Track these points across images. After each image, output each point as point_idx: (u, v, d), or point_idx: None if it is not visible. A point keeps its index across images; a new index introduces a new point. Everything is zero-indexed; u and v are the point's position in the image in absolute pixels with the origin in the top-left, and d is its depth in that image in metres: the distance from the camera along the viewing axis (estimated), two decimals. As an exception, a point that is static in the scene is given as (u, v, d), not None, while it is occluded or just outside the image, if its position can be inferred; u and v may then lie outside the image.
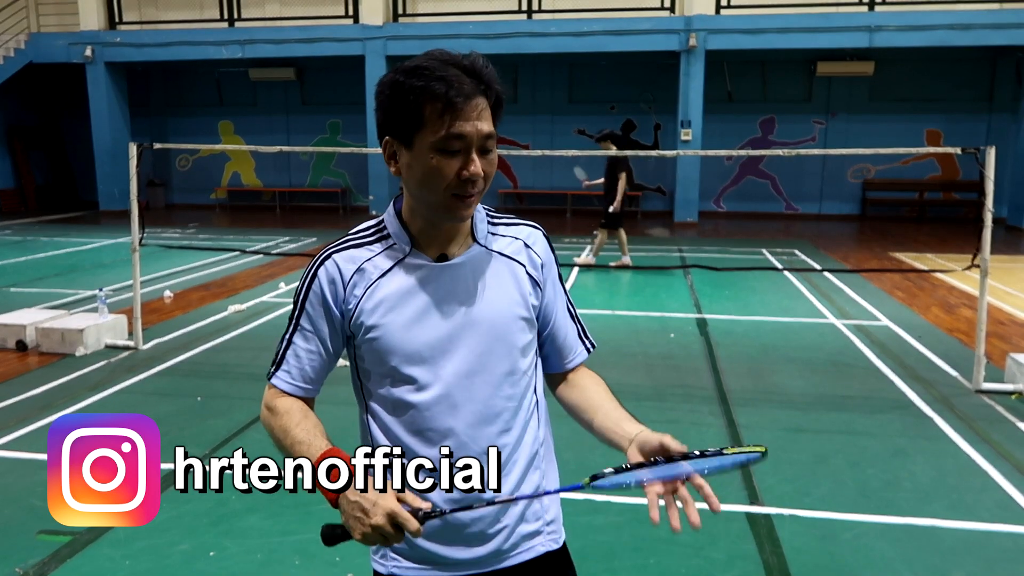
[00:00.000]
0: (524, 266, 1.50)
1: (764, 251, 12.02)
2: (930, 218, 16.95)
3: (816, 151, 6.05)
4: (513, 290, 1.47)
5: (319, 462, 1.27)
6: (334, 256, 1.44)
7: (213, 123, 19.48)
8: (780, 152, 5.80)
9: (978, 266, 5.36)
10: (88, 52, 16.72)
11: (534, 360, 1.54)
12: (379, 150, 4.95)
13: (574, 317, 1.62)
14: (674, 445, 1.35)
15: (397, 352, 1.40)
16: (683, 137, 15.37)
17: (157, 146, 6.50)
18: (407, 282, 1.42)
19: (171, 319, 7.41)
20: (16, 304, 7.52)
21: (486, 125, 1.33)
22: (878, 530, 3.47)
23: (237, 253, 10.77)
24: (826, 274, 9.63)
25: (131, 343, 6.38)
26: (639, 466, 1.34)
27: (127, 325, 6.68)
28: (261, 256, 11.11)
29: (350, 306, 1.42)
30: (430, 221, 1.42)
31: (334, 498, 1.26)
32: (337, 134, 18.97)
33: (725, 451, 1.31)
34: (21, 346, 6.31)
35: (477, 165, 1.33)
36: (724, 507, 3.69)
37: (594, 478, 1.33)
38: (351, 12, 16.35)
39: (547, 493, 1.42)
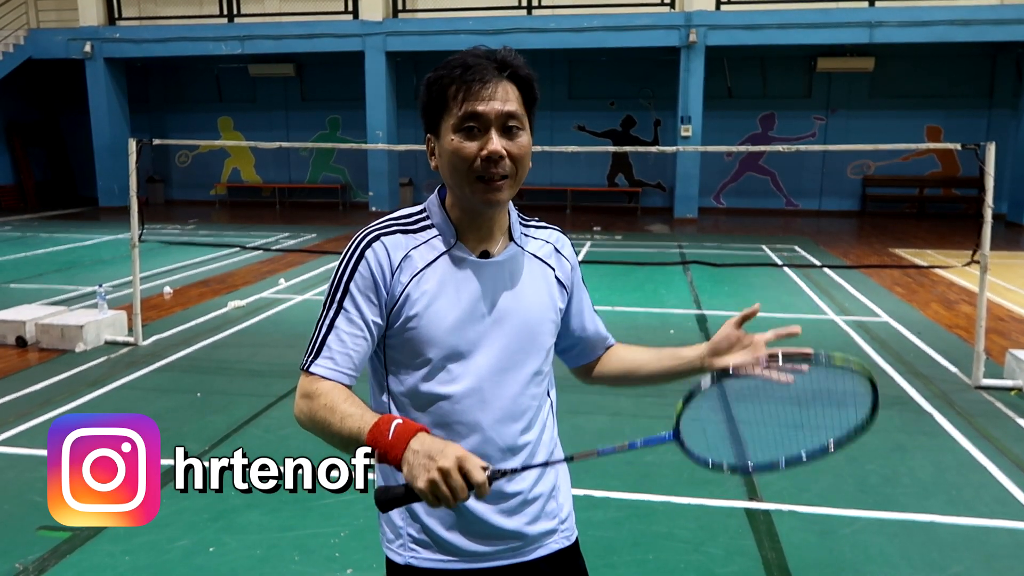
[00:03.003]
0: (554, 270, 1.54)
1: (764, 247, 12.02)
2: (930, 214, 16.94)
3: (816, 147, 6.06)
4: (545, 293, 1.51)
5: (382, 423, 1.24)
6: (383, 239, 1.41)
7: (212, 119, 19.46)
8: (780, 148, 5.79)
9: (978, 262, 5.36)
10: (87, 48, 16.70)
11: (552, 362, 1.58)
12: (379, 146, 4.98)
13: (595, 310, 1.71)
14: (737, 318, 1.53)
15: (436, 344, 1.39)
16: (683, 133, 15.36)
17: (156, 142, 6.51)
18: (451, 275, 1.41)
19: (171, 315, 7.41)
20: (16, 300, 7.52)
21: (506, 105, 1.34)
22: (877, 526, 3.47)
23: (237, 249, 10.76)
24: (826, 270, 9.63)
25: (131, 339, 6.38)
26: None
27: (127, 321, 6.68)
28: (261, 252, 11.11)
29: (395, 293, 1.39)
30: (470, 213, 1.43)
31: (399, 454, 1.21)
32: (337, 130, 18.96)
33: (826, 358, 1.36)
34: (21, 342, 6.31)
35: (495, 143, 1.33)
36: (722, 503, 3.70)
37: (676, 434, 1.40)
38: (350, 8, 16.33)
39: (632, 446, 1.36)
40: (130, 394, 5.22)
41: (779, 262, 10.56)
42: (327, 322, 1.40)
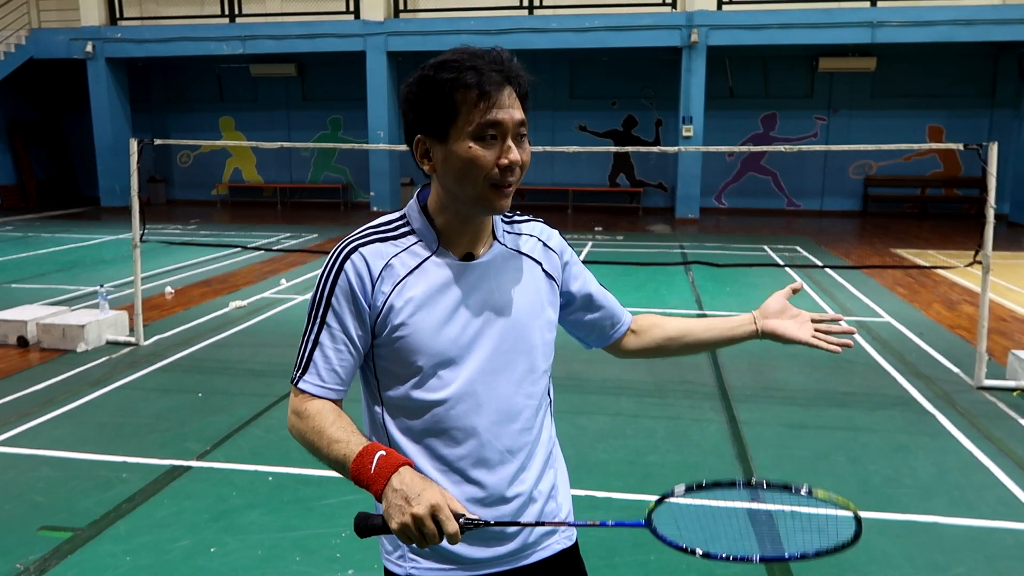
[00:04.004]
0: (541, 264, 1.51)
1: (765, 247, 12.01)
2: (932, 214, 16.93)
3: (818, 147, 6.04)
4: (532, 290, 1.48)
5: (365, 454, 1.26)
6: (361, 250, 1.38)
7: (214, 119, 19.47)
8: (782, 148, 5.78)
9: (980, 262, 5.35)
10: (89, 48, 16.71)
11: (551, 360, 1.55)
12: (380, 146, 4.95)
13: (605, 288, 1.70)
14: (785, 291, 1.66)
15: (425, 352, 1.37)
16: (684, 133, 15.35)
17: (158, 142, 6.51)
18: (435, 281, 1.39)
19: (172, 315, 7.42)
20: (17, 300, 7.53)
21: (519, 113, 1.33)
22: (879, 527, 3.47)
23: (238, 249, 10.76)
24: (828, 271, 9.62)
25: (132, 339, 6.38)
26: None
27: (128, 321, 6.68)
28: (262, 252, 11.11)
29: (378, 303, 1.37)
30: (461, 217, 1.40)
31: (380, 489, 1.24)
32: (338, 130, 18.96)
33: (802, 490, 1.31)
34: (22, 342, 6.31)
35: (515, 152, 1.33)
36: (724, 504, 3.69)
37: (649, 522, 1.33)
38: (352, 8, 16.33)
39: (603, 524, 1.37)
40: (131, 394, 5.22)
41: (781, 262, 10.55)
42: (312, 338, 1.39)
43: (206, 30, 16.59)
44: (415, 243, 1.41)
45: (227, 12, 16.87)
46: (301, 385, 1.39)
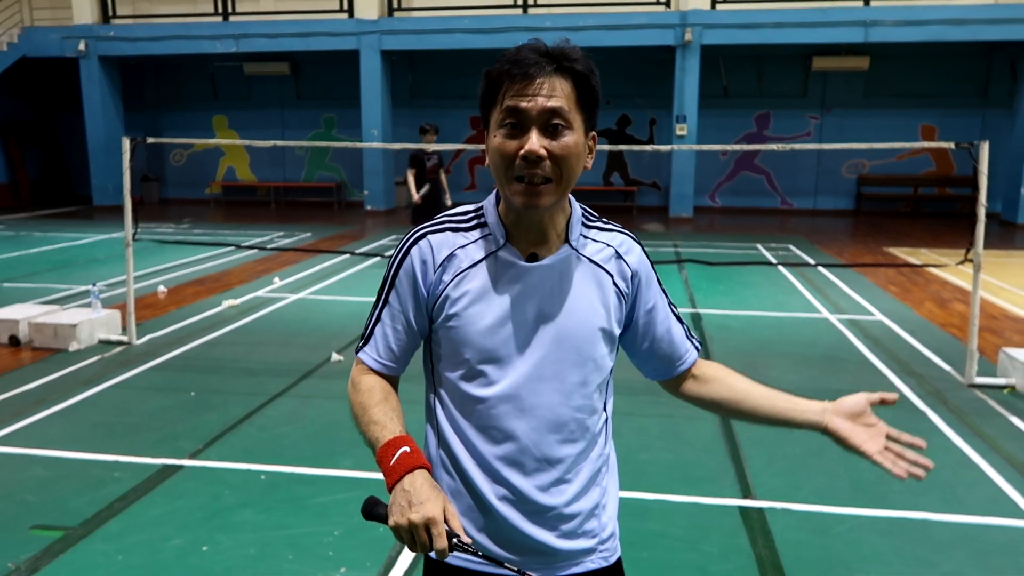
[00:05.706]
0: (612, 276, 1.45)
1: (759, 246, 12.04)
2: (924, 213, 16.99)
3: (811, 146, 6.06)
4: (596, 300, 1.43)
5: (392, 445, 1.30)
6: (429, 237, 1.41)
7: (207, 118, 19.41)
8: (775, 147, 5.79)
9: (971, 261, 5.38)
10: (82, 46, 16.65)
11: (609, 376, 1.50)
12: (374, 145, 4.96)
13: (679, 319, 1.58)
14: (873, 396, 1.51)
15: (472, 346, 1.38)
16: (678, 132, 15.38)
17: (151, 140, 6.49)
18: (494, 277, 1.38)
19: (165, 314, 7.40)
20: (9, 299, 7.50)
21: (550, 101, 1.27)
22: (870, 523, 3.48)
23: (232, 248, 10.74)
24: (820, 269, 9.64)
25: (125, 338, 6.36)
26: None
27: (121, 320, 6.66)
28: (256, 251, 11.09)
29: (436, 290, 1.40)
30: (516, 212, 1.37)
31: (392, 484, 1.27)
32: (332, 129, 18.93)
33: None
34: (14, 341, 6.29)
35: (533, 141, 1.27)
36: (716, 501, 3.71)
37: None
38: (346, 6, 16.30)
39: None
40: (124, 393, 5.21)
41: (774, 261, 10.58)
42: (376, 313, 1.46)
43: (199, 28, 16.54)
44: (483, 236, 1.41)
45: (220, 10, 16.82)
46: (360, 355, 1.47)
